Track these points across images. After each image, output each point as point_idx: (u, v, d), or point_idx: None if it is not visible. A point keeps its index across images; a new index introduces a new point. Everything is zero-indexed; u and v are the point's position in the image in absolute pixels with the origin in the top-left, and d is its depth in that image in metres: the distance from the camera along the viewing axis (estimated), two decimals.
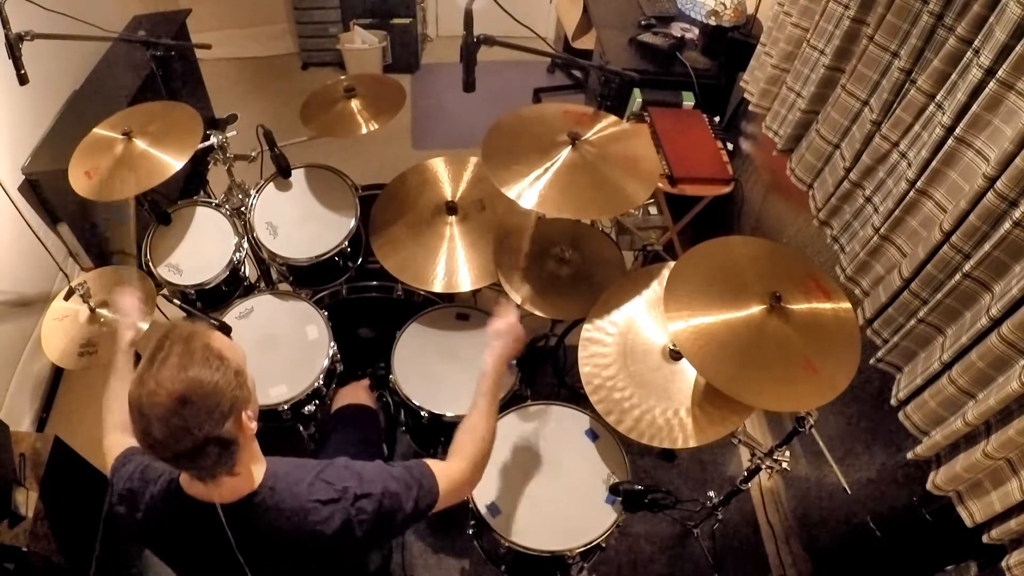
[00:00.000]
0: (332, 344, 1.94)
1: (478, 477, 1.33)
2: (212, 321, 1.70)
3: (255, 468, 1.12)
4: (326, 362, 1.90)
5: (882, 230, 1.64)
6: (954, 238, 1.39)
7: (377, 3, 3.87)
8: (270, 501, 1.10)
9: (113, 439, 1.30)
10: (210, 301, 2.11)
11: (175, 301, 2.14)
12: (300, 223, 2.11)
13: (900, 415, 1.56)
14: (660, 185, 2.36)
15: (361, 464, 1.19)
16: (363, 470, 1.18)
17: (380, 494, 1.14)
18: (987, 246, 1.32)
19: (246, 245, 2.12)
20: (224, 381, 0.98)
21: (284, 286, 2.26)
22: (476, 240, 1.98)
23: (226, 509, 1.08)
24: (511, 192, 1.67)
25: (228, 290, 2.11)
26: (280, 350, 1.95)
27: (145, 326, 1.63)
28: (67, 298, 1.85)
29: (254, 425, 1.07)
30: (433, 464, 1.25)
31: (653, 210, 2.88)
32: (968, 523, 1.38)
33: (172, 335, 1.01)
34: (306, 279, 2.20)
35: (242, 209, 2.15)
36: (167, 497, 1.13)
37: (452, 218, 2.00)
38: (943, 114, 1.46)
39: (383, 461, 1.26)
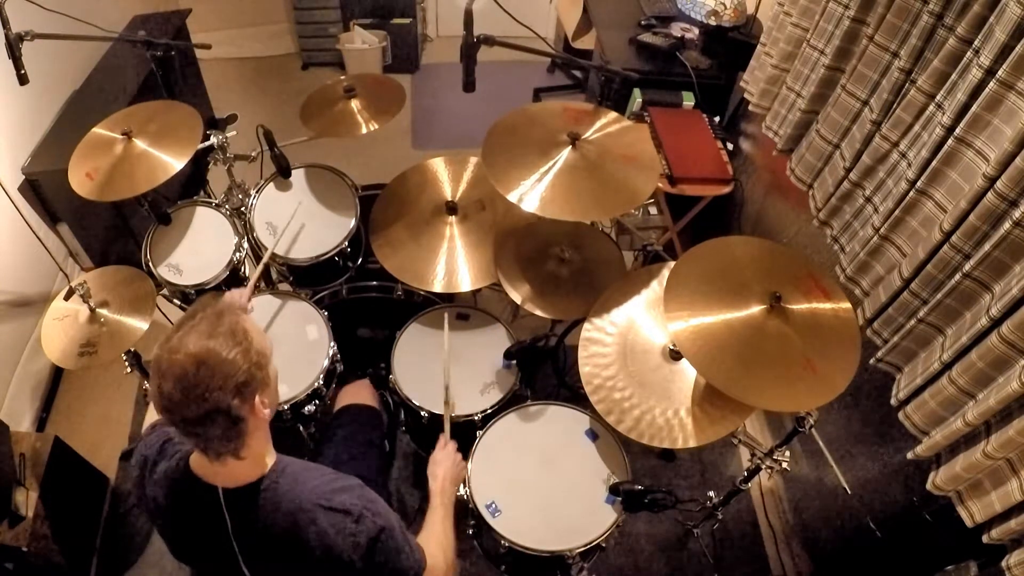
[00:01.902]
0: (332, 344, 1.94)
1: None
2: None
3: (263, 458, 1.13)
4: (326, 362, 1.90)
5: (882, 230, 1.64)
6: (954, 238, 1.39)
7: (377, 3, 3.87)
8: (272, 494, 1.11)
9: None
10: None
11: (175, 301, 2.14)
12: (300, 223, 2.11)
13: (900, 415, 1.56)
14: (660, 185, 2.36)
15: (374, 495, 1.20)
16: (375, 499, 1.18)
17: (382, 528, 1.15)
18: (987, 246, 1.32)
19: (246, 245, 2.12)
20: (243, 357, 1.01)
21: (284, 286, 2.26)
22: (476, 240, 1.98)
23: (227, 493, 1.09)
24: (513, 196, 1.67)
25: (228, 290, 2.11)
26: (280, 350, 1.94)
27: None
28: (67, 298, 1.85)
29: (268, 413, 1.08)
30: (425, 547, 1.28)
31: (653, 210, 2.88)
32: (968, 523, 1.38)
33: (206, 308, 1.05)
34: (306, 279, 2.20)
35: (242, 209, 2.15)
36: (175, 473, 1.14)
37: (452, 218, 2.00)
38: (943, 114, 1.46)
39: (386, 482, 1.27)
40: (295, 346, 1.95)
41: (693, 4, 2.81)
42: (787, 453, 1.71)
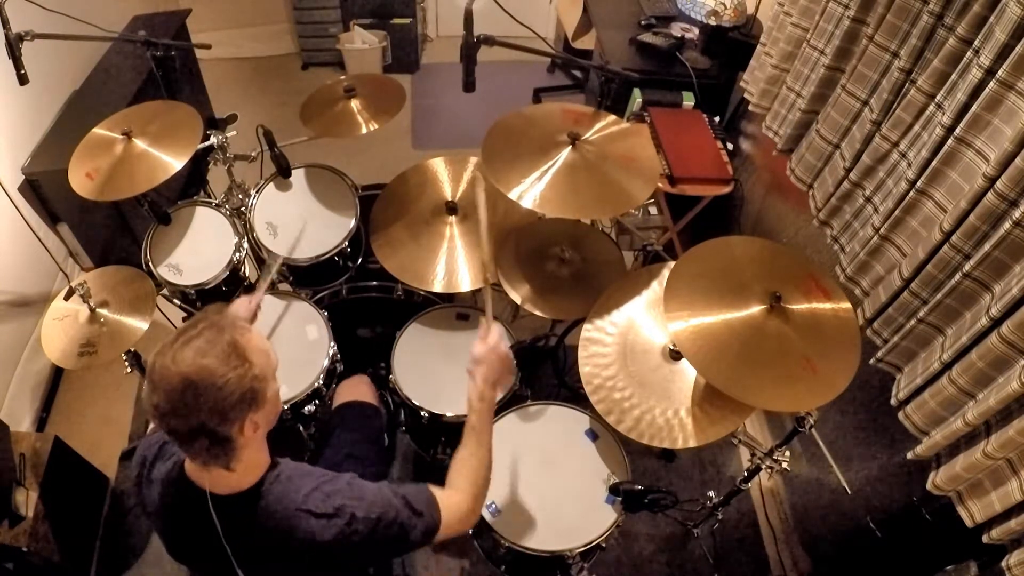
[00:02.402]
0: (332, 344, 1.94)
1: (478, 510, 1.29)
2: None
3: (256, 467, 1.13)
4: (326, 362, 1.90)
5: (882, 230, 1.64)
6: (954, 238, 1.39)
7: (377, 3, 3.87)
8: (262, 501, 1.11)
9: None
10: (210, 301, 2.10)
11: (175, 301, 2.14)
12: (300, 223, 2.11)
13: (900, 415, 1.56)
14: (660, 185, 2.36)
15: (365, 484, 1.18)
16: (366, 491, 1.17)
17: (377, 518, 1.13)
18: (987, 246, 1.32)
19: (246, 245, 2.12)
20: (235, 381, 0.98)
21: (284, 286, 2.26)
22: (476, 240, 1.98)
23: (219, 499, 1.09)
24: (512, 193, 1.67)
25: (228, 290, 2.11)
26: (280, 350, 1.91)
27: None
28: (67, 298, 1.85)
29: (261, 433, 1.08)
30: (436, 492, 1.22)
31: (653, 210, 2.88)
32: (968, 523, 1.38)
33: (208, 320, 1.03)
34: (306, 279, 2.20)
35: (242, 209, 2.15)
36: (171, 475, 1.15)
37: (452, 218, 2.00)
38: (943, 114, 1.46)
39: (386, 478, 1.24)
40: (295, 346, 1.95)
41: (693, 4, 2.81)
42: (787, 453, 1.71)
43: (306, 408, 1.89)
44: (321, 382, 1.89)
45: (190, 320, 1.04)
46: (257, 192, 2.15)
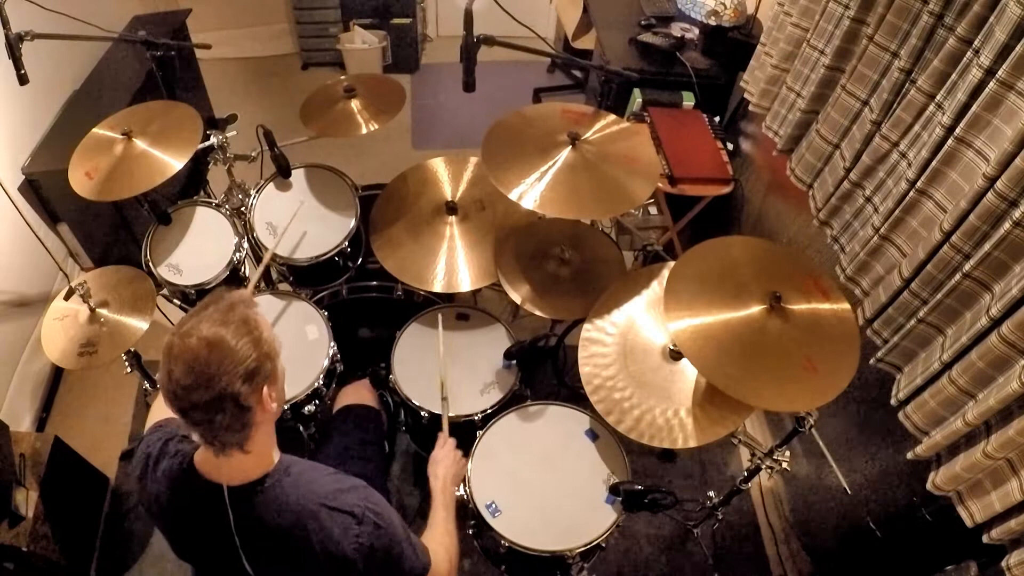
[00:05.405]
0: (332, 344, 1.94)
1: (453, 572, 1.37)
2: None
3: (268, 454, 1.13)
4: (326, 362, 1.90)
5: (882, 230, 1.64)
6: (954, 238, 1.39)
7: (377, 3, 3.87)
8: (276, 491, 1.11)
9: (160, 407, 1.34)
10: None
11: (175, 301, 2.14)
12: (300, 223, 2.11)
13: (900, 415, 1.56)
14: (660, 185, 2.36)
15: (379, 496, 1.20)
16: (378, 501, 1.18)
17: (384, 529, 1.15)
18: (987, 246, 1.32)
19: (246, 245, 2.12)
20: (253, 346, 1.02)
21: (284, 286, 2.26)
22: (476, 240, 1.98)
23: (231, 491, 1.09)
24: (512, 193, 1.67)
25: (231, 290, 2.11)
26: (280, 350, 1.94)
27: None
28: (67, 298, 1.85)
29: (275, 407, 1.09)
30: (427, 544, 1.29)
31: (653, 210, 2.88)
32: (968, 523, 1.38)
33: (218, 299, 1.06)
34: (306, 279, 2.20)
35: (242, 209, 2.15)
36: (178, 471, 1.15)
37: (452, 218, 2.00)
38: (943, 114, 1.46)
39: (386, 479, 1.26)
40: (295, 346, 1.95)
41: (693, 4, 2.81)
42: (787, 453, 1.71)
43: (306, 408, 1.89)
44: (321, 382, 1.88)
45: (199, 304, 1.07)
46: (257, 192, 2.15)
